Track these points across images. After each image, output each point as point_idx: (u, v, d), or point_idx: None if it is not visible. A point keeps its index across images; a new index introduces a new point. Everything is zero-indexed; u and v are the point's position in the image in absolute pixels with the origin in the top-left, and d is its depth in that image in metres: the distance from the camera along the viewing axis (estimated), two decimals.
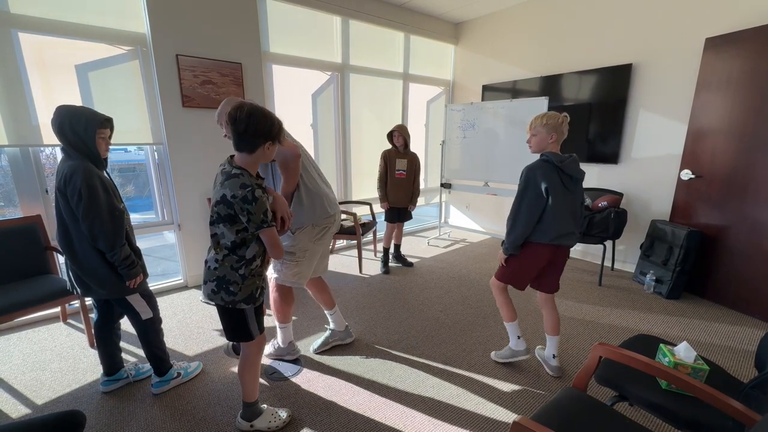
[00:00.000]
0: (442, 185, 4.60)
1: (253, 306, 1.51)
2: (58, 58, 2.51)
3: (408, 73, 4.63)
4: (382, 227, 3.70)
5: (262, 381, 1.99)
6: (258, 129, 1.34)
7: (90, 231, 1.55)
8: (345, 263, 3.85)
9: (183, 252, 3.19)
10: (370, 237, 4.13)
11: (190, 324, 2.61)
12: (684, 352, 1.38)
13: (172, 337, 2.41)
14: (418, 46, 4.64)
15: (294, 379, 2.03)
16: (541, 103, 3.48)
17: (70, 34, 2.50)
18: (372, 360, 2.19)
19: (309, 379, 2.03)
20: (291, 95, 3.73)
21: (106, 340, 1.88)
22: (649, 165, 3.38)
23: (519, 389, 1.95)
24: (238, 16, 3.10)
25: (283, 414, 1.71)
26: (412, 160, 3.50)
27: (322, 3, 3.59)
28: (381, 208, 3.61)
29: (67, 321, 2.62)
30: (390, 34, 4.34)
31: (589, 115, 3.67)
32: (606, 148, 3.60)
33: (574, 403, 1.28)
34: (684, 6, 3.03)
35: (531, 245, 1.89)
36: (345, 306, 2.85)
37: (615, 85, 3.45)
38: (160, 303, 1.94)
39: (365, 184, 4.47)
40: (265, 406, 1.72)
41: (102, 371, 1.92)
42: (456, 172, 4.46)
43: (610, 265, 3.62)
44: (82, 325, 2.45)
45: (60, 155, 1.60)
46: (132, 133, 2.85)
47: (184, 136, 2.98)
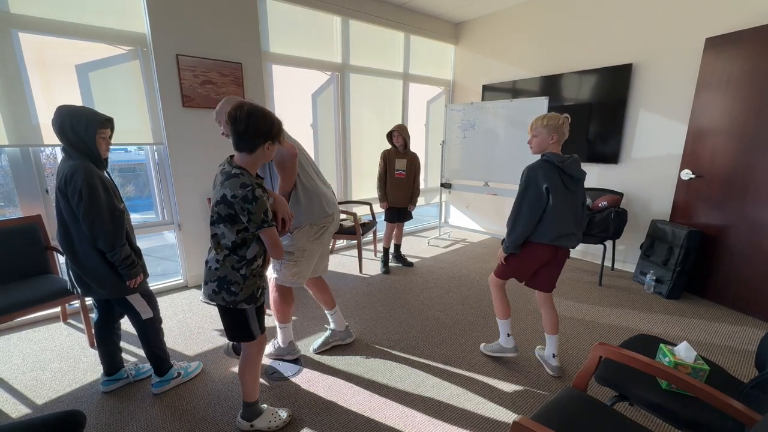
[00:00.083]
0: (442, 185, 4.60)
1: (254, 306, 1.51)
2: (59, 58, 2.51)
3: (408, 73, 4.63)
4: (383, 227, 3.70)
5: (262, 381, 1.99)
6: (258, 129, 1.35)
7: (90, 231, 1.55)
8: (345, 263, 3.85)
9: (183, 252, 3.20)
10: (370, 237, 4.13)
11: (191, 324, 2.61)
12: (684, 351, 1.38)
13: (173, 337, 2.41)
14: (418, 46, 4.64)
15: (294, 379, 2.03)
16: (541, 103, 3.48)
17: (70, 34, 2.50)
18: (372, 360, 2.19)
19: (309, 379, 2.03)
20: (291, 95, 3.73)
21: (106, 340, 1.88)
22: (649, 165, 3.38)
23: (519, 389, 1.95)
24: (238, 16, 3.10)
25: (283, 414, 1.71)
26: (412, 160, 3.49)
27: (322, 3, 3.59)
28: (381, 208, 3.61)
29: (68, 321, 2.62)
30: (390, 34, 4.34)
31: (589, 115, 3.67)
32: (606, 148, 3.60)
33: (574, 403, 1.28)
34: (684, 6, 3.03)
35: (531, 245, 1.90)
36: (345, 306, 2.85)
37: (615, 85, 3.45)
38: (160, 303, 1.95)
39: (365, 184, 4.47)
40: (265, 406, 1.72)
41: (102, 371, 1.92)
42: (456, 172, 4.46)
43: (611, 265, 3.62)
44: (82, 325, 2.45)
45: (60, 155, 1.61)
46: (132, 133, 2.85)
47: (184, 136, 2.98)
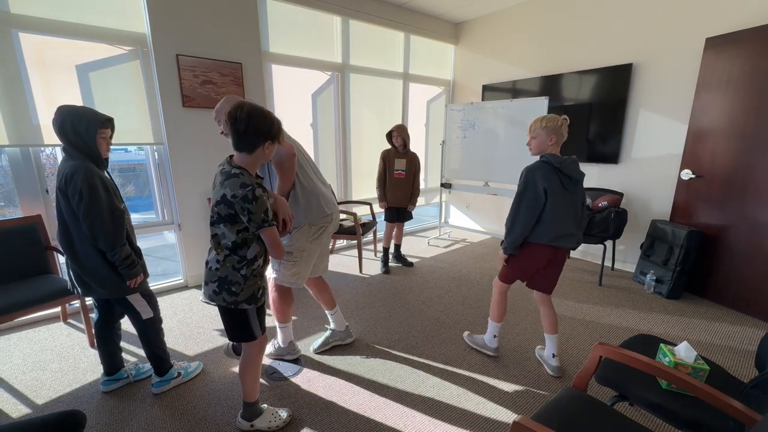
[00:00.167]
0: (442, 185, 4.60)
1: (255, 306, 1.51)
2: (59, 58, 2.51)
3: (408, 73, 4.63)
4: (383, 227, 3.70)
5: (262, 381, 1.99)
6: (258, 129, 1.35)
7: (91, 231, 1.55)
8: (345, 263, 3.85)
9: (183, 252, 3.20)
10: (370, 237, 4.13)
11: (191, 324, 2.61)
12: (684, 351, 1.38)
13: (173, 337, 2.41)
14: (418, 46, 4.64)
15: (294, 379, 2.03)
16: (541, 103, 3.47)
17: (71, 34, 2.50)
18: (372, 360, 2.19)
19: (309, 379, 2.03)
20: (291, 95, 3.73)
21: (106, 340, 1.88)
22: (650, 165, 3.38)
23: (519, 389, 1.95)
24: (238, 16, 3.10)
25: (283, 414, 1.71)
26: (412, 160, 3.49)
27: (322, 3, 3.59)
28: (380, 208, 3.61)
29: (68, 321, 2.62)
30: (390, 34, 4.34)
31: (589, 115, 3.67)
32: (606, 147, 3.60)
33: (574, 403, 1.28)
34: (684, 6, 3.03)
35: (530, 245, 1.90)
36: (345, 306, 2.85)
37: (615, 85, 3.45)
38: (160, 303, 1.95)
39: (365, 184, 4.47)
40: (265, 405, 1.72)
41: (102, 371, 1.92)
42: (456, 172, 4.46)
43: (611, 264, 3.62)
44: (83, 325, 2.45)
45: (61, 155, 1.61)
46: (132, 133, 2.85)
47: (185, 136, 2.98)
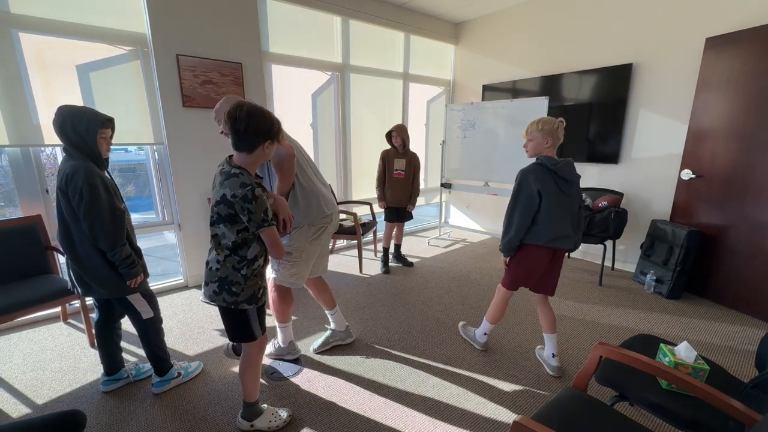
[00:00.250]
0: (443, 185, 4.60)
1: (256, 306, 1.51)
2: (59, 58, 2.51)
3: (408, 73, 4.63)
4: (383, 227, 3.70)
5: (262, 381, 1.99)
6: (258, 128, 1.35)
7: (91, 230, 1.55)
8: (345, 263, 3.85)
9: (183, 252, 3.20)
10: (370, 237, 4.13)
11: (191, 324, 2.61)
12: (684, 351, 1.38)
13: (173, 337, 2.41)
14: (418, 46, 4.63)
15: (294, 379, 2.03)
16: (542, 103, 3.47)
17: (71, 34, 2.50)
18: (372, 360, 2.19)
19: (309, 379, 2.03)
20: (291, 95, 3.73)
21: (106, 340, 1.88)
22: (650, 165, 3.38)
23: (520, 389, 1.95)
24: (238, 16, 3.10)
25: (283, 414, 1.71)
26: (411, 160, 3.49)
27: (322, 3, 3.59)
28: (380, 208, 3.61)
29: (68, 321, 2.62)
30: (390, 34, 4.34)
31: (589, 115, 3.66)
32: (606, 147, 3.60)
33: (574, 403, 1.29)
34: (684, 6, 3.03)
35: (527, 247, 1.92)
36: (345, 306, 2.85)
37: (615, 85, 3.45)
38: (160, 303, 1.94)
39: (365, 183, 4.47)
40: (265, 405, 1.72)
41: (102, 371, 1.92)
42: (456, 172, 4.46)
43: (611, 264, 3.62)
44: (83, 325, 2.45)
45: (61, 155, 1.61)
46: (132, 133, 2.86)
47: (185, 136, 2.98)
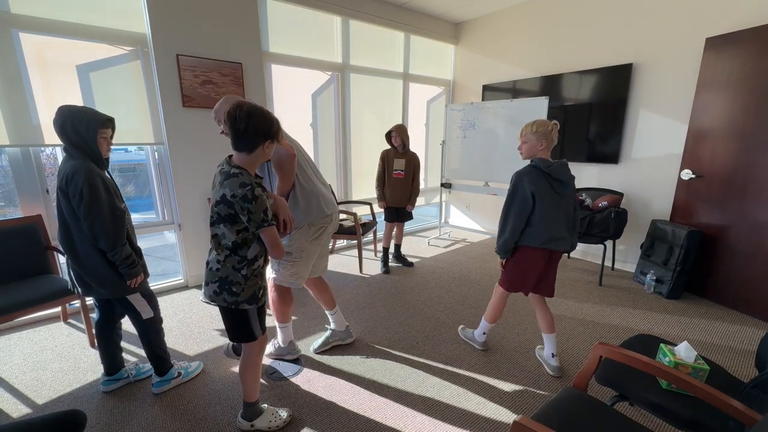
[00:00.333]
0: (443, 185, 4.60)
1: (256, 306, 1.51)
2: (59, 58, 2.51)
3: (408, 73, 4.63)
4: (383, 227, 3.70)
5: (262, 381, 1.99)
6: (258, 128, 1.35)
7: (91, 230, 1.55)
8: (345, 263, 3.85)
9: (183, 252, 3.20)
10: (370, 237, 4.13)
11: (191, 324, 2.61)
12: (684, 351, 1.38)
13: (173, 337, 2.41)
14: (418, 46, 4.64)
15: (294, 379, 2.03)
16: (542, 103, 3.47)
17: (71, 34, 2.50)
18: (372, 360, 2.19)
19: (309, 379, 2.03)
20: (291, 95, 3.73)
21: (107, 340, 1.88)
22: (650, 165, 3.38)
23: (520, 389, 1.95)
24: (239, 16, 3.10)
25: (283, 414, 1.71)
26: (411, 160, 3.49)
27: (322, 3, 3.59)
28: (380, 208, 3.61)
29: (68, 321, 2.63)
30: (390, 34, 4.34)
31: (589, 115, 3.66)
32: (606, 147, 3.60)
33: (574, 403, 1.29)
34: (684, 6, 3.03)
35: (523, 248, 1.93)
36: (345, 306, 2.85)
37: (615, 85, 3.45)
38: (160, 303, 1.95)
39: (365, 183, 4.47)
40: (265, 405, 1.72)
41: (102, 371, 1.92)
42: (456, 172, 4.46)
43: (611, 264, 3.62)
44: (83, 325, 2.45)
45: (61, 155, 1.61)
46: (133, 133, 2.86)
47: (185, 136, 2.98)
